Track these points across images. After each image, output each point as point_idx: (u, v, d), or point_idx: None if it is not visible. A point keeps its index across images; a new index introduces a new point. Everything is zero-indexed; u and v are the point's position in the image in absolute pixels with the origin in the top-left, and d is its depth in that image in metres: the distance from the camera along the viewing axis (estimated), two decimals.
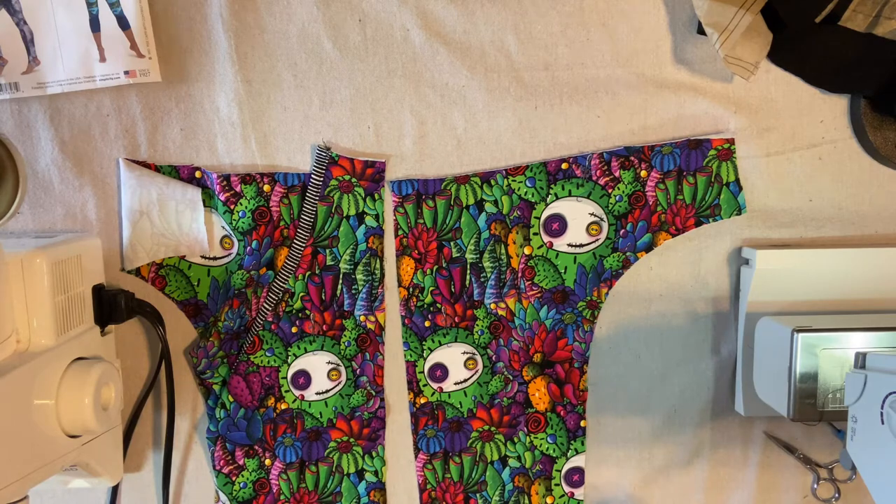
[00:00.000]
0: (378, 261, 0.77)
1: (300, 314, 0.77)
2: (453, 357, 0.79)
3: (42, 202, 0.75)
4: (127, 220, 0.74)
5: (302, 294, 0.77)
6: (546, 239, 0.76)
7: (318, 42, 0.73)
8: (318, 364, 0.78)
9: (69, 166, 0.75)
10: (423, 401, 0.79)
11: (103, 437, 0.70)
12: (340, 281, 0.77)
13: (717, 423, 0.81)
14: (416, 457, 0.80)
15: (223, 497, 0.79)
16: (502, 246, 0.76)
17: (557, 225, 0.75)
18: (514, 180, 0.75)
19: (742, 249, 0.77)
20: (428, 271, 0.76)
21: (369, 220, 0.76)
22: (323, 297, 0.77)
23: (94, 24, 0.70)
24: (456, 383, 0.79)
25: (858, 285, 0.75)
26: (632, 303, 0.78)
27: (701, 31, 0.71)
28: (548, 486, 0.80)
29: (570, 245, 0.76)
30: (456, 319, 0.78)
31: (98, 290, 0.71)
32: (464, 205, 0.75)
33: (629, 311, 0.79)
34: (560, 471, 0.80)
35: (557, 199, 0.75)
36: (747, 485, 0.81)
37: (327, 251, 0.76)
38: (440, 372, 0.79)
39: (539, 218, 0.76)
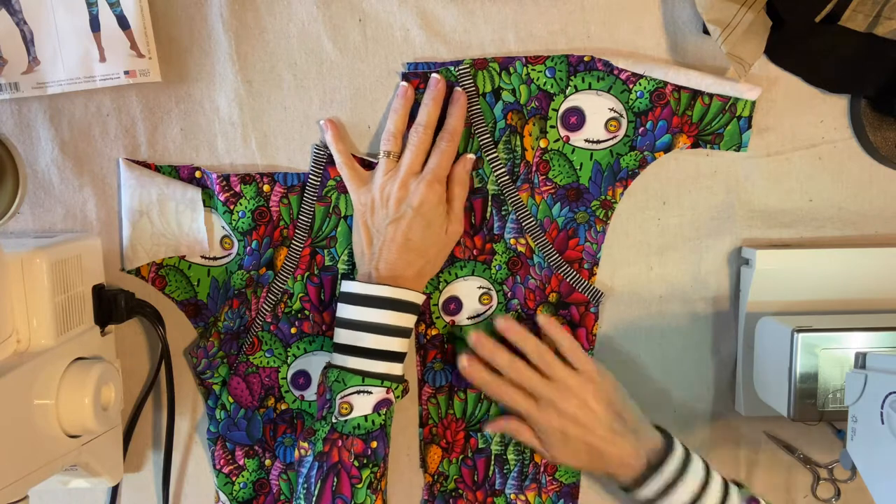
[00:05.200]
0: None
1: (299, 315, 0.77)
2: (469, 291, 0.77)
3: (42, 202, 0.75)
4: (127, 220, 0.74)
5: (301, 295, 0.76)
6: (563, 133, 0.74)
7: (318, 42, 0.73)
8: (318, 364, 0.78)
9: (69, 166, 0.75)
10: (433, 332, 0.78)
11: (103, 437, 0.70)
12: (339, 281, 0.76)
13: (717, 423, 0.81)
14: (420, 389, 0.79)
15: (223, 497, 0.79)
16: (518, 137, 0.74)
17: (575, 119, 0.73)
18: (534, 69, 0.73)
19: (742, 249, 0.77)
20: None
21: None
22: (322, 298, 0.77)
23: (94, 24, 0.70)
24: (469, 318, 0.78)
25: (858, 285, 0.75)
26: (632, 303, 0.78)
27: (705, 31, 0.71)
28: None
29: (586, 141, 0.74)
30: (475, 252, 0.76)
31: (98, 290, 0.71)
32: (480, 92, 0.73)
33: (629, 311, 0.78)
34: None
35: (577, 91, 0.73)
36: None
37: (325, 251, 0.76)
38: (454, 305, 0.77)
39: (557, 110, 0.74)
